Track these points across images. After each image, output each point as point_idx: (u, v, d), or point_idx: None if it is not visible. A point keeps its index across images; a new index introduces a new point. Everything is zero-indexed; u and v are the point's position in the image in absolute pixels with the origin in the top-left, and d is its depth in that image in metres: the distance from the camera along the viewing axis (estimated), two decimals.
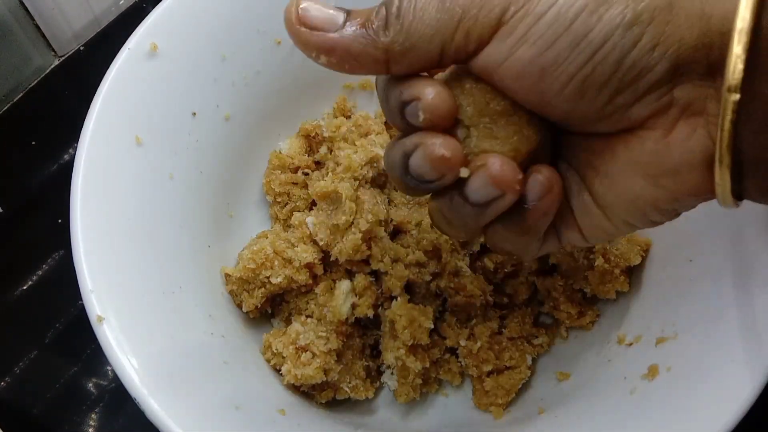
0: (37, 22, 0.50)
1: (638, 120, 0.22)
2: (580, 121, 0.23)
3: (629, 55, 0.21)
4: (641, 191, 0.23)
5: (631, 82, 0.21)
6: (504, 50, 0.22)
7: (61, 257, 0.46)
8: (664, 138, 0.22)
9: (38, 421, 0.41)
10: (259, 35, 0.40)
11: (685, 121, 0.22)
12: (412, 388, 0.37)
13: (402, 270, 0.36)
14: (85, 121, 0.33)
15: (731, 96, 0.20)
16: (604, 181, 0.24)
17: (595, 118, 0.23)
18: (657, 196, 0.23)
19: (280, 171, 0.42)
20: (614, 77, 0.21)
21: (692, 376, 0.29)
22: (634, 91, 0.22)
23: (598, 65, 0.21)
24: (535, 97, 0.22)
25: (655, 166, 0.23)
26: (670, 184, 0.23)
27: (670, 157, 0.23)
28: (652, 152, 0.23)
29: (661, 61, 0.21)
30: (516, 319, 0.39)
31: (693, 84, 0.22)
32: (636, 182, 0.23)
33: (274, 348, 0.36)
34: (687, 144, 0.22)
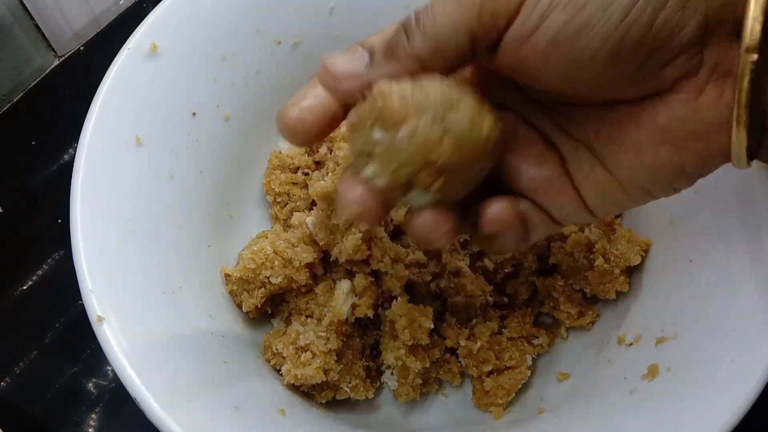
0: (37, 22, 0.50)
1: (669, 82, 0.23)
2: (610, 87, 0.23)
3: (661, 13, 0.21)
4: (668, 157, 0.23)
5: (663, 41, 0.21)
6: (534, 18, 0.22)
7: (61, 257, 0.46)
8: (693, 101, 0.22)
9: (38, 421, 0.41)
10: (259, 35, 0.40)
11: (714, 83, 0.22)
12: (412, 388, 0.37)
13: (402, 270, 0.36)
14: (85, 121, 0.33)
15: (749, 56, 0.21)
16: (627, 152, 0.24)
17: (627, 82, 0.23)
18: (684, 160, 0.23)
19: (280, 171, 0.42)
20: (648, 37, 0.21)
21: (692, 376, 0.29)
22: (667, 51, 0.22)
23: (632, 25, 0.21)
24: (570, 63, 0.22)
25: (683, 130, 0.23)
26: (698, 147, 0.23)
27: (699, 119, 0.23)
28: (680, 116, 0.23)
29: (692, 19, 0.21)
30: (516, 319, 0.39)
31: (721, 44, 0.22)
32: (662, 149, 0.23)
33: (274, 348, 0.36)
34: (716, 105, 0.22)
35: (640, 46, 0.21)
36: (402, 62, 0.23)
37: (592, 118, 0.25)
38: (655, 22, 0.21)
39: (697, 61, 0.22)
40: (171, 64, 0.37)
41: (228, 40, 0.39)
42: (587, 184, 0.25)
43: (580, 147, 0.26)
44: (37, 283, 0.45)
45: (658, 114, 0.23)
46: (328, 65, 0.24)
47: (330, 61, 0.24)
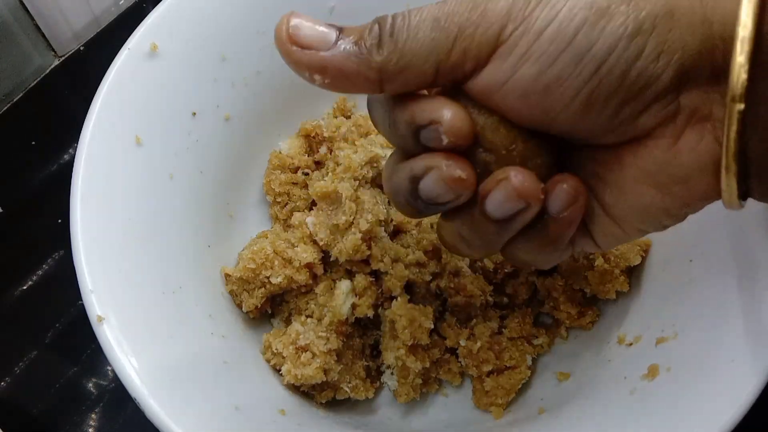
0: (37, 22, 0.50)
1: (646, 129, 0.22)
2: (586, 135, 0.23)
3: (634, 65, 0.21)
4: (652, 200, 0.23)
5: (638, 92, 0.21)
6: (506, 69, 0.21)
7: (61, 257, 0.46)
8: (673, 146, 0.22)
9: (38, 421, 0.41)
10: (259, 35, 0.40)
11: (692, 128, 0.22)
12: (412, 388, 0.37)
13: (402, 270, 0.36)
14: (85, 121, 0.33)
15: (736, 106, 0.20)
16: (613, 191, 0.24)
17: (602, 131, 0.22)
18: (668, 203, 0.23)
19: (280, 171, 0.42)
20: (621, 89, 0.21)
21: (692, 376, 0.29)
22: (641, 101, 0.21)
23: (603, 78, 0.21)
24: (540, 114, 0.22)
25: (664, 174, 0.23)
26: (681, 191, 0.23)
27: (679, 165, 0.22)
28: (660, 161, 0.22)
29: (667, 69, 0.21)
30: (516, 319, 0.39)
31: (698, 90, 0.22)
32: (646, 191, 0.23)
33: (274, 348, 0.36)
34: (695, 151, 0.22)
35: (612, 97, 0.21)
36: (363, 65, 0.22)
37: (581, 156, 0.25)
38: (629, 73, 0.21)
39: (673, 108, 0.22)
40: (171, 64, 0.37)
41: (228, 40, 0.39)
42: (589, 217, 0.25)
43: None
44: (37, 283, 0.45)
45: (639, 158, 0.23)
46: (290, 23, 0.23)
47: (293, 20, 0.23)
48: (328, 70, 0.22)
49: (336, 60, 0.22)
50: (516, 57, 0.21)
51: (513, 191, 0.22)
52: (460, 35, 0.21)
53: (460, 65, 0.22)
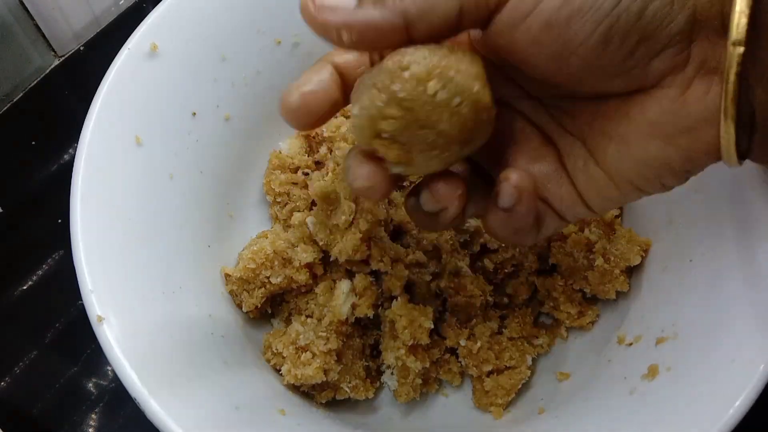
0: (37, 22, 0.50)
1: (656, 76, 0.23)
2: (598, 76, 0.23)
3: (651, 5, 0.21)
4: (656, 152, 0.24)
5: (653, 32, 0.22)
6: (529, 2, 0.22)
7: (61, 257, 0.46)
8: (681, 96, 0.23)
9: (38, 421, 0.41)
10: (259, 35, 0.40)
11: (700, 79, 0.23)
12: (412, 388, 0.37)
13: (402, 270, 0.36)
14: (85, 121, 0.33)
15: (736, 49, 0.21)
16: (617, 145, 0.24)
17: (614, 72, 0.23)
18: (672, 156, 0.24)
19: (280, 171, 0.42)
20: (637, 26, 0.22)
21: (692, 376, 0.29)
22: (655, 43, 0.22)
23: (622, 13, 0.21)
24: (560, 47, 0.22)
25: (671, 124, 0.23)
26: (686, 142, 0.23)
27: (686, 114, 0.23)
28: (668, 111, 0.23)
29: (681, 13, 0.22)
30: (516, 320, 0.39)
31: (709, 40, 0.22)
32: (651, 143, 0.24)
33: (274, 348, 0.36)
34: (703, 101, 0.22)
35: (630, 34, 0.22)
36: (388, 14, 0.22)
37: (586, 111, 0.25)
38: (645, 12, 0.21)
39: (684, 56, 0.22)
40: (171, 64, 0.37)
41: (228, 40, 0.39)
42: (582, 178, 0.26)
43: (575, 141, 0.26)
44: (37, 283, 0.45)
45: (647, 108, 0.23)
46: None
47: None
48: (355, 26, 0.23)
49: (362, 13, 0.23)
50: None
51: (432, 197, 0.25)
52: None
53: (483, 3, 0.23)
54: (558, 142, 0.27)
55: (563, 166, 0.26)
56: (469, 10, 0.23)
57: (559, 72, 0.23)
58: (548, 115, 0.27)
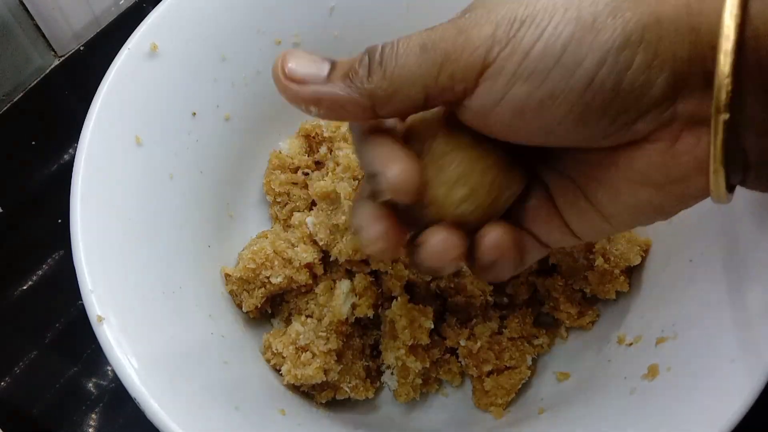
0: (37, 22, 0.50)
1: (642, 134, 0.22)
2: (583, 143, 0.23)
3: (626, 77, 0.21)
4: (648, 198, 0.24)
5: (632, 102, 0.21)
6: (497, 89, 0.22)
7: (61, 257, 0.46)
8: (670, 149, 0.22)
9: (38, 421, 0.41)
10: (259, 35, 0.40)
11: (689, 131, 0.22)
12: (412, 388, 0.37)
13: (402, 270, 0.36)
14: (85, 121, 0.33)
15: (721, 116, 0.20)
16: (607, 191, 0.24)
17: (599, 138, 0.23)
18: (663, 201, 0.23)
19: (280, 171, 0.42)
20: (615, 100, 0.21)
21: (692, 376, 0.29)
22: (636, 110, 0.22)
23: (597, 92, 0.21)
24: (536, 130, 0.22)
25: (661, 175, 0.23)
26: (678, 189, 0.23)
27: (676, 166, 0.22)
28: (658, 163, 0.23)
29: (660, 77, 0.21)
30: (516, 320, 0.39)
31: (694, 96, 0.22)
32: (642, 191, 0.23)
33: (274, 348, 0.36)
34: (693, 153, 0.22)
35: (608, 108, 0.21)
36: (355, 92, 0.23)
37: (574, 157, 0.25)
38: (621, 84, 0.21)
39: (669, 114, 0.22)
40: (171, 64, 0.37)
41: (228, 40, 0.39)
42: (572, 213, 0.26)
43: (565, 179, 0.26)
44: (37, 283, 0.45)
45: (636, 160, 0.23)
46: (287, 61, 0.24)
47: (291, 57, 0.24)
48: (323, 101, 0.23)
49: (329, 91, 0.23)
50: (506, 77, 0.21)
51: (428, 257, 0.24)
52: (446, 60, 0.22)
53: (449, 89, 0.22)
54: (545, 178, 0.26)
55: (552, 200, 0.26)
56: (434, 97, 0.23)
57: (543, 142, 0.23)
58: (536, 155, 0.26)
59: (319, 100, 0.23)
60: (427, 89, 0.22)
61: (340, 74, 0.23)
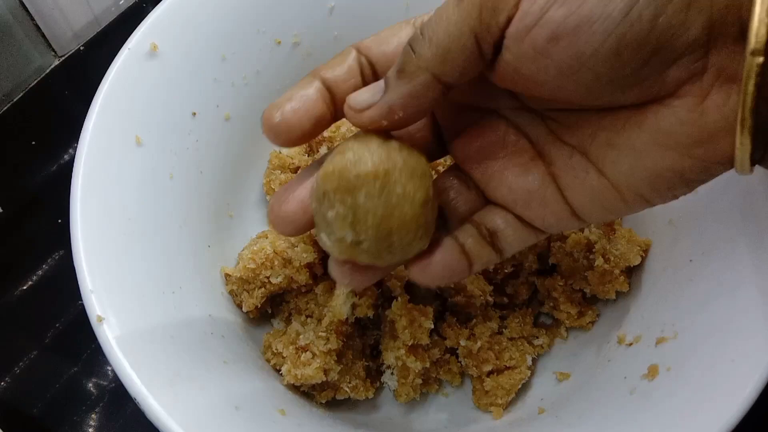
0: (37, 22, 0.50)
1: (673, 85, 0.22)
2: (611, 89, 0.22)
3: (664, 12, 0.20)
4: (671, 163, 0.23)
5: (667, 41, 0.21)
6: (533, 13, 0.21)
7: (61, 257, 0.46)
8: (698, 105, 0.22)
9: (38, 421, 0.41)
10: (259, 35, 0.40)
11: (719, 88, 0.22)
12: (412, 388, 0.37)
13: (402, 270, 0.36)
14: (85, 121, 0.33)
15: (755, 59, 0.20)
16: (627, 157, 0.24)
17: (628, 83, 0.22)
18: (687, 166, 0.23)
19: (280, 171, 0.42)
20: (651, 35, 0.21)
21: (692, 376, 0.29)
22: (671, 51, 0.21)
23: (634, 22, 0.21)
24: (571, 60, 0.22)
25: (688, 135, 0.22)
26: (703, 152, 0.23)
27: (704, 124, 0.22)
28: (685, 121, 0.22)
29: (697, 19, 0.21)
30: (516, 320, 0.39)
31: (726, 48, 0.21)
32: (666, 154, 0.23)
33: (274, 348, 0.36)
34: (722, 111, 0.22)
35: (643, 44, 0.21)
36: (413, 76, 0.23)
37: (589, 123, 0.25)
38: (659, 20, 0.20)
39: (701, 65, 0.22)
40: (171, 64, 0.37)
41: (228, 40, 0.39)
42: (580, 190, 0.25)
43: (575, 153, 0.25)
44: (37, 283, 0.45)
45: (662, 118, 0.23)
46: (351, 103, 0.25)
47: (352, 98, 0.25)
48: (395, 107, 0.24)
49: (394, 95, 0.24)
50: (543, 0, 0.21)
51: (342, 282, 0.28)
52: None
53: (494, 23, 0.22)
54: (553, 154, 0.26)
55: (553, 179, 0.26)
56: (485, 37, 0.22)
57: (569, 88, 0.23)
58: (544, 127, 0.26)
59: (391, 109, 0.24)
60: (474, 31, 0.22)
61: (393, 76, 0.24)
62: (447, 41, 0.22)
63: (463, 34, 0.22)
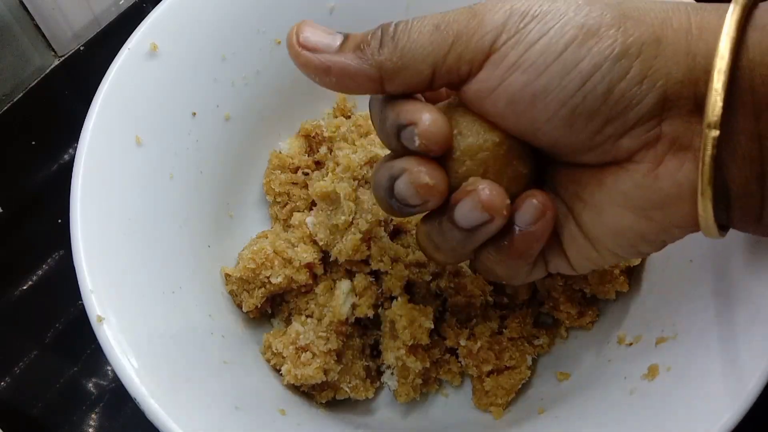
0: (37, 22, 0.50)
1: (627, 152, 0.23)
2: (568, 150, 0.24)
3: (618, 86, 0.21)
4: (630, 223, 0.24)
5: (620, 113, 0.22)
6: (496, 76, 0.23)
7: (61, 257, 0.46)
8: (653, 171, 0.23)
9: (38, 421, 0.41)
10: (259, 35, 0.40)
11: (673, 155, 0.23)
12: (412, 388, 0.37)
13: (402, 270, 0.36)
14: (85, 121, 0.33)
15: (711, 132, 0.21)
16: (591, 212, 0.25)
17: (584, 148, 0.23)
18: (645, 228, 0.24)
19: (280, 171, 0.42)
20: (604, 107, 0.22)
21: (692, 376, 0.29)
22: (623, 123, 0.22)
23: (588, 94, 0.22)
24: (526, 124, 0.23)
25: (643, 198, 0.23)
26: (659, 216, 0.23)
27: (658, 189, 0.23)
28: (640, 185, 0.23)
29: (650, 93, 0.22)
30: (516, 320, 0.38)
31: (681, 119, 0.22)
32: (624, 214, 0.24)
33: (274, 348, 0.36)
34: (675, 177, 0.23)
35: (596, 114, 0.22)
36: (365, 63, 0.24)
37: (562, 174, 0.26)
38: (612, 93, 0.22)
39: (654, 134, 0.22)
40: (171, 64, 0.37)
41: (228, 40, 0.39)
42: (564, 234, 0.26)
43: (557, 199, 0.26)
44: (37, 283, 0.45)
45: (620, 181, 0.23)
46: (302, 30, 0.25)
47: (306, 26, 0.25)
48: (332, 70, 0.24)
49: (340, 61, 0.24)
50: (507, 65, 0.22)
51: (479, 203, 0.23)
52: (457, 41, 0.23)
53: (455, 69, 0.23)
54: None
55: None
56: (441, 75, 0.23)
57: (531, 139, 0.24)
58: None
59: (329, 68, 0.24)
60: (434, 66, 0.23)
61: (352, 45, 0.24)
62: (408, 59, 0.23)
63: (424, 62, 0.23)
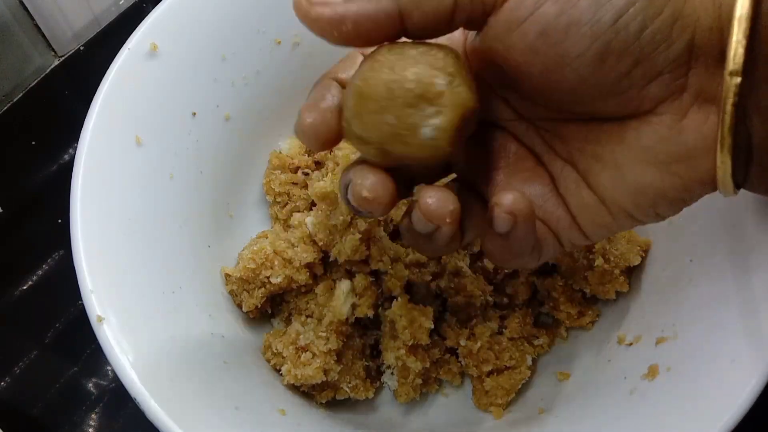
0: (37, 22, 0.50)
1: (652, 102, 0.22)
2: (592, 94, 0.23)
3: (651, 25, 0.21)
4: (651, 180, 0.23)
5: (650, 53, 0.21)
6: (527, 6, 0.22)
7: (61, 257, 0.46)
8: (677, 123, 0.22)
9: (38, 421, 0.41)
10: (259, 35, 0.40)
11: (698, 107, 0.22)
12: (412, 388, 0.37)
13: (402, 270, 0.36)
14: (85, 121, 0.33)
15: (733, 79, 0.21)
16: (610, 171, 0.24)
17: (609, 92, 0.22)
18: (667, 184, 0.23)
19: (280, 171, 0.42)
20: (635, 46, 0.21)
21: (692, 376, 0.29)
22: (652, 65, 0.22)
23: (621, 30, 0.21)
24: (556, 57, 0.22)
25: (667, 152, 0.23)
26: (683, 170, 0.23)
27: (683, 143, 0.22)
28: (664, 138, 0.23)
29: (680, 37, 0.21)
30: (516, 320, 0.38)
31: (707, 71, 0.22)
32: (646, 171, 0.23)
33: (274, 348, 0.36)
34: (700, 130, 0.22)
35: (627, 53, 0.21)
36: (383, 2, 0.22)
37: (578, 135, 0.25)
38: (645, 31, 0.21)
39: (681, 83, 0.22)
40: (171, 64, 0.37)
41: (228, 40, 0.39)
42: (575, 202, 0.25)
43: (566, 166, 0.25)
44: (37, 283, 0.45)
45: (642, 135, 0.23)
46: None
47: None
48: (349, 17, 0.22)
49: (354, 4, 0.22)
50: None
51: (423, 214, 0.23)
52: None
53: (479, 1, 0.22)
54: (549, 165, 0.26)
55: (556, 189, 0.26)
56: (464, 5, 0.22)
57: (552, 85, 0.23)
58: (540, 138, 0.26)
59: (345, 17, 0.22)
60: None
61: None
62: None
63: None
